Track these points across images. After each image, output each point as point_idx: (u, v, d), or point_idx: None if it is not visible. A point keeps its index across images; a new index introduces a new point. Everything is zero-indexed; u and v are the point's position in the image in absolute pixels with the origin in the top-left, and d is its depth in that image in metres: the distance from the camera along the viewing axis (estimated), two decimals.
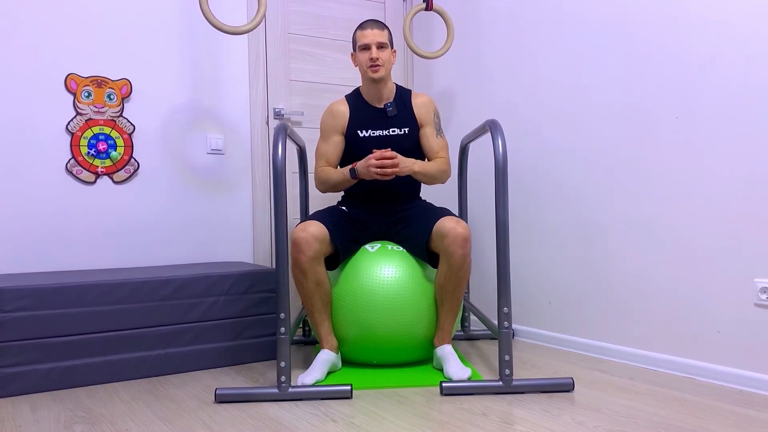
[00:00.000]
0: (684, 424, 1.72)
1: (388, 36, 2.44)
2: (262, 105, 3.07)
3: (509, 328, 2.03)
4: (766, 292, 1.99)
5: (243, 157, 3.03)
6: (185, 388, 2.15)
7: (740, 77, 2.04)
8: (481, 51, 3.05)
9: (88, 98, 2.64)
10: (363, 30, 2.42)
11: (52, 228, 2.58)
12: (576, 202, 2.60)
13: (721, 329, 2.12)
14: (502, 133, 2.08)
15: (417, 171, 2.34)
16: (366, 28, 2.41)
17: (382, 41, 2.40)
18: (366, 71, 2.41)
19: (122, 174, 2.73)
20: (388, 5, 3.42)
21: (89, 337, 2.20)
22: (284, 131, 2.06)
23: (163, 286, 2.33)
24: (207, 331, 2.41)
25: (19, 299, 2.09)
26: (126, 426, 1.78)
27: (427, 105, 2.52)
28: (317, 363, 2.19)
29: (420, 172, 2.35)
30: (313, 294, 2.22)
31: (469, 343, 2.80)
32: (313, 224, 2.22)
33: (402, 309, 2.24)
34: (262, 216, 3.07)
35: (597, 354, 2.52)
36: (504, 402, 1.93)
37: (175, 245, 2.85)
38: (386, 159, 2.23)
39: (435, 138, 2.49)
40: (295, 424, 1.76)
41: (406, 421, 1.77)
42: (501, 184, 2.04)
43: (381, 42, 2.39)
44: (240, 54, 3.01)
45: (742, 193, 2.05)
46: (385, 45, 2.41)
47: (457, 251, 2.16)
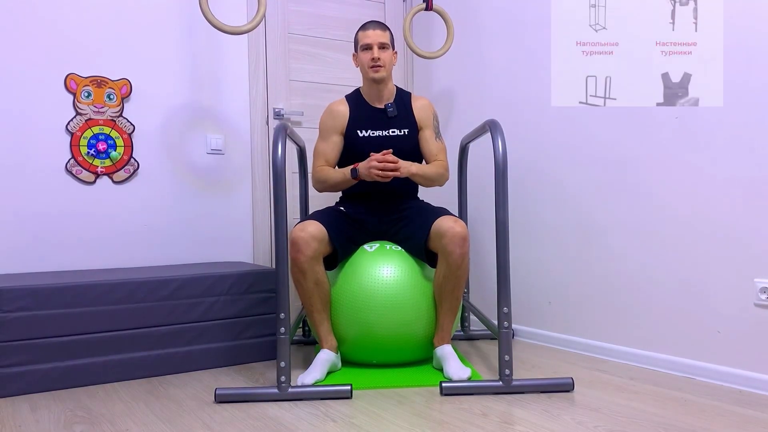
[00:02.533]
0: (684, 424, 1.72)
1: (390, 37, 2.45)
2: (262, 105, 3.07)
3: (509, 328, 2.03)
4: (766, 292, 1.99)
5: (243, 157, 3.03)
6: (185, 388, 2.15)
7: (740, 77, 2.04)
8: (481, 51, 3.05)
9: (88, 98, 2.64)
10: (365, 30, 2.43)
11: (51, 228, 2.58)
12: (576, 202, 2.60)
13: (721, 329, 2.12)
14: (502, 133, 2.08)
15: (415, 173, 2.34)
16: (368, 28, 2.43)
17: (384, 42, 2.41)
18: (367, 71, 2.42)
19: (122, 174, 2.72)
20: (388, 5, 3.42)
21: (89, 337, 2.20)
22: (284, 131, 2.06)
23: (162, 286, 2.33)
24: (207, 331, 2.41)
25: (19, 299, 2.09)
26: (126, 426, 1.78)
27: (427, 108, 2.52)
28: (317, 363, 2.19)
29: (418, 174, 2.36)
30: (312, 294, 2.22)
31: (469, 343, 2.79)
32: (312, 224, 2.22)
33: (401, 309, 2.24)
34: (262, 216, 3.06)
35: (597, 354, 2.52)
36: (504, 402, 1.93)
37: (174, 245, 2.85)
38: (388, 162, 2.23)
39: (434, 141, 2.49)
40: (295, 424, 1.76)
41: (406, 421, 1.77)
42: (501, 184, 2.04)
43: (383, 42, 2.40)
44: (240, 54, 3.01)
45: (742, 193, 2.05)
46: (387, 46, 2.42)
47: (456, 250, 2.17)
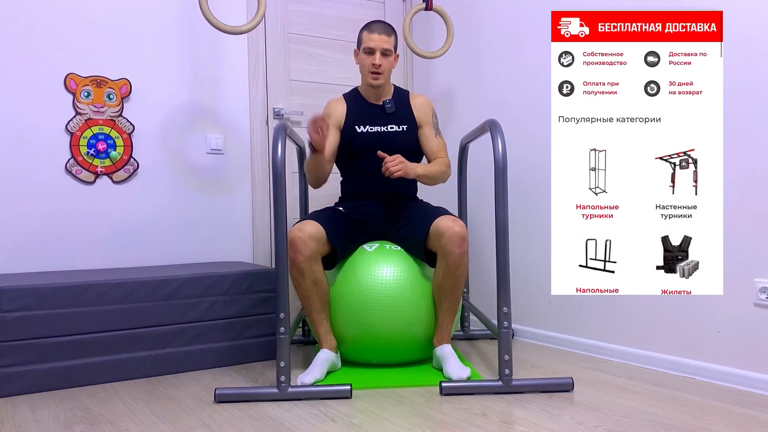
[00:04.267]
0: (684, 424, 1.72)
1: (394, 42, 2.44)
2: (262, 105, 3.07)
3: (509, 327, 2.03)
4: (766, 292, 1.99)
5: (243, 156, 3.03)
6: (185, 388, 2.15)
7: (740, 77, 2.04)
8: (481, 51, 3.05)
9: (88, 98, 2.64)
10: (371, 33, 2.40)
11: (51, 228, 2.58)
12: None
13: (720, 329, 2.12)
14: (501, 133, 2.08)
15: (421, 174, 2.34)
16: (374, 31, 2.40)
17: (388, 48, 2.39)
18: (366, 76, 2.42)
19: (122, 174, 2.72)
20: (388, 5, 3.42)
21: (89, 337, 2.20)
22: (284, 131, 2.06)
23: (162, 285, 2.33)
24: (207, 331, 2.41)
25: (19, 299, 2.08)
26: (126, 426, 1.78)
27: (425, 105, 2.52)
28: (316, 363, 2.19)
29: (424, 174, 2.36)
30: (311, 293, 2.22)
31: (469, 343, 2.80)
32: (310, 224, 2.22)
33: (401, 308, 2.24)
34: (262, 216, 3.06)
35: (597, 354, 2.52)
36: (504, 402, 1.93)
37: (174, 245, 2.85)
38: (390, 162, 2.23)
39: (434, 138, 2.49)
40: (295, 424, 1.76)
41: (406, 421, 1.77)
42: (501, 184, 2.04)
43: (386, 49, 2.39)
44: (240, 54, 3.01)
45: (742, 193, 2.05)
46: (390, 52, 2.41)
47: (455, 250, 2.16)
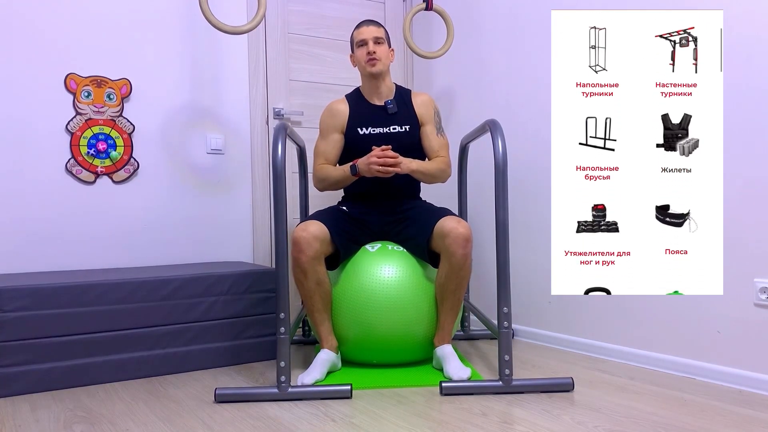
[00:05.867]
0: (684, 424, 1.72)
1: (385, 33, 2.46)
2: (262, 105, 3.07)
3: (509, 328, 2.03)
4: (766, 292, 1.99)
5: (243, 156, 3.03)
6: (185, 388, 2.15)
7: (740, 76, 2.04)
8: (481, 51, 3.05)
9: (88, 98, 2.64)
10: (359, 28, 2.45)
11: (51, 228, 2.58)
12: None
13: (721, 329, 2.12)
14: (502, 133, 2.08)
15: (415, 169, 2.34)
16: (362, 26, 2.45)
17: (379, 36, 2.42)
18: (364, 66, 2.42)
19: (122, 174, 2.72)
20: (388, 5, 3.42)
21: (89, 337, 2.20)
22: (284, 131, 2.06)
23: (162, 285, 2.33)
24: (207, 330, 2.41)
25: (19, 299, 2.09)
26: (126, 426, 1.78)
27: (428, 104, 2.52)
28: (317, 363, 2.19)
29: (419, 170, 2.35)
30: (314, 294, 2.22)
31: (469, 343, 2.80)
32: (314, 224, 2.22)
33: (402, 309, 2.24)
34: (262, 216, 3.06)
35: (597, 354, 2.52)
36: (504, 402, 1.93)
37: (174, 245, 2.85)
38: (387, 157, 2.23)
39: (435, 137, 2.49)
40: (295, 424, 1.76)
41: (406, 421, 1.77)
42: (501, 184, 2.04)
43: (377, 37, 2.41)
44: (240, 54, 3.01)
45: (742, 193, 2.05)
46: (382, 40, 2.43)
47: (459, 251, 2.16)
